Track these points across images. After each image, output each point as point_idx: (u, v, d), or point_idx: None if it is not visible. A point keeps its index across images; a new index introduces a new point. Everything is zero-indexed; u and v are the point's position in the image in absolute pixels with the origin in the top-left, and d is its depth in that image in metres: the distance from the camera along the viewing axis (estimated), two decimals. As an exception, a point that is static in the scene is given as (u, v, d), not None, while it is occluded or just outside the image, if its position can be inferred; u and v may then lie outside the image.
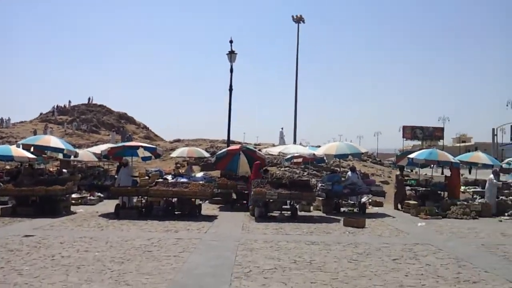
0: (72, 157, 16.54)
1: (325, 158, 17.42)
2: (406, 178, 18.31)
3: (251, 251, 8.75)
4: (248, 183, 15.95)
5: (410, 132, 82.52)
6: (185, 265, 7.55)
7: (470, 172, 28.16)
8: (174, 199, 14.55)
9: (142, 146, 16.44)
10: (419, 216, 14.65)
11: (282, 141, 35.17)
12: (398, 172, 17.46)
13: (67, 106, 70.16)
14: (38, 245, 9.03)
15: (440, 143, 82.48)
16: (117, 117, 71.44)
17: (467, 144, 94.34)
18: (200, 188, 14.18)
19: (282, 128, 38.74)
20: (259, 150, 20.67)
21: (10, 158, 17.07)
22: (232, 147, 20.10)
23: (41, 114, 68.66)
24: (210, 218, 13.69)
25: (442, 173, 30.66)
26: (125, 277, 6.70)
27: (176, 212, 14.34)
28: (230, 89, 22.13)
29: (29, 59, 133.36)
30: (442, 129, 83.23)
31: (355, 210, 16.28)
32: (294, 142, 39.56)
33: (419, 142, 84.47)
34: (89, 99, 73.77)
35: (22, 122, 63.09)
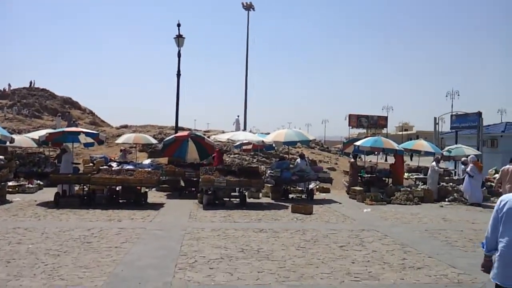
0: (7, 143, 15.45)
1: (274, 145, 17.37)
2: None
3: (197, 240, 8.50)
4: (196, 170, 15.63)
5: (355, 120, 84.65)
6: (127, 256, 7.19)
7: (411, 159, 29.15)
8: (119, 187, 13.99)
9: (83, 132, 15.63)
10: (365, 202, 14.94)
11: (238, 129, 34.84)
12: (352, 160, 17.64)
13: (6, 89, 66.16)
14: (-36, 238, 8.33)
15: (384, 131, 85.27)
16: (61, 101, 68.09)
17: (409, 132, 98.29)
18: (146, 176, 13.70)
19: (238, 116, 38.32)
20: (208, 137, 20.32)
21: None
22: (180, 133, 19.62)
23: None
24: (156, 207, 13.28)
25: (386, 160, 31.64)
26: (60, 271, 6.26)
27: (120, 201, 13.82)
28: (178, 74, 21.53)
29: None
30: (386, 118, 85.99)
31: (303, 196, 16.39)
32: (244, 129, 39.43)
33: (364, 130, 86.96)
34: (30, 82, 69.80)
35: (-45, 106, 58.84)
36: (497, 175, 19.72)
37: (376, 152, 19.17)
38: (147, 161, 21.29)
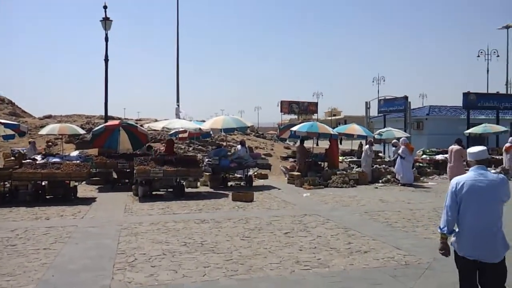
0: None
1: (211, 132, 16.96)
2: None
3: (136, 236, 7.99)
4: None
5: (287, 106, 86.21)
6: (58, 259, 6.55)
7: (341, 143, 29.90)
8: (45, 182, 12.94)
9: (1, 123, 14.29)
10: (303, 187, 15.03)
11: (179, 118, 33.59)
12: (299, 144, 17.62)
13: None
14: None
15: (314, 116, 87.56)
16: (-27, 91, 62.90)
17: (337, 117, 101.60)
18: (75, 169, 12.78)
19: (178, 105, 36.75)
20: (141, 125, 19.47)
21: None
22: (111, 122, 18.62)
23: None
24: (88, 201, 12.45)
25: (317, 144, 32.25)
26: (-20, 281, 5.55)
27: (47, 197, 12.80)
28: (106, 59, 20.36)
29: None
30: (316, 104, 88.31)
31: (242, 184, 16.20)
32: (178, 117, 38.37)
33: (296, 116, 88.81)
34: None
35: None
36: (424, 156, 20.84)
37: (312, 137, 19.35)
38: (75, 153, 20.03)
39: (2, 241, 7.64)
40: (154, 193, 13.36)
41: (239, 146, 17.07)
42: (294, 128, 17.70)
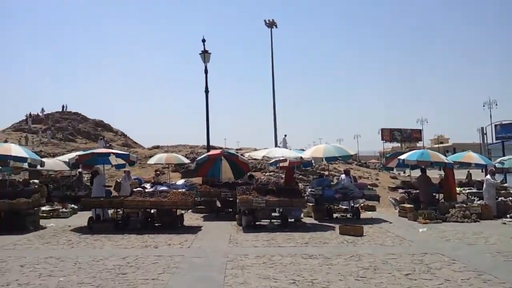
0: (38, 167, 15.12)
1: (312, 161, 16.41)
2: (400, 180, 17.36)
3: (242, 270, 7.62)
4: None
5: (388, 134, 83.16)
6: (166, 291, 6.38)
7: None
8: (154, 210, 13.31)
9: (113, 153, 15.13)
10: (418, 221, 13.75)
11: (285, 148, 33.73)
12: (422, 174, 16.09)
13: (40, 114, 67.72)
14: (-7, 271, 7.72)
15: (419, 144, 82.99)
16: (93, 124, 69.40)
17: (445, 145, 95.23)
18: (181, 197, 12.98)
19: (285, 135, 36.78)
20: (242, 154, 19.55)
21: (-30, 169, 15.59)
22: (213, 152, 18.94)
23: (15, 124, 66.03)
24: (194, 230, 12.52)
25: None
26: (93, 311, 5.50)
27: (156, 224, 13.13)
28: (206, 91, 20.94)
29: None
30: (420, 131, 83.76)
31: (348, 215, 15.32)
32: (275, 147, 38.44)
33: (398, 144, 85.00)
34: (63, 107, 71.54)
35: (-7, 131, 60.45)
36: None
37: (423, 166, 17.91)
38: (181, 182, 20.74)
39: (114, 269, 7.72)
40: (257, 223, 13.06)
41: (343, 176, 16.28)
42: (402, 157, 16.48)
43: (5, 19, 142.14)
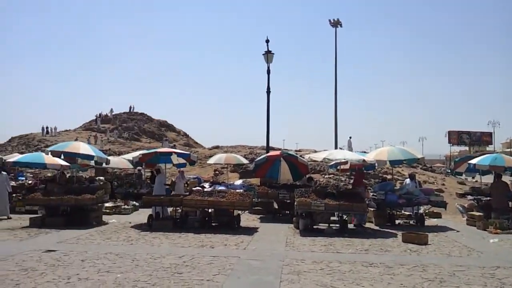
0: (104, 164, 15.72)
1: (376, 164, 15.76)
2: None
3: (299, 275, 7.35)
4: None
5: (456, 137, 79.08)
6: (220, 294, 6.26)
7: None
8: (211, 209, 13.36)
9: (175, 152, 15.40)
10: (488, 231, 12.79)
11: (351, 150, 33.21)
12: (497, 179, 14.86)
13: (109, 114, 71.11)
14: (56, 263, 7.99)
15: (489, 148, 78.26)
16: (157, 125, 71.89)
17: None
18: (238, 198, 12.92)
19: (350, 137, 36.29)
20: (301, 156, 19.23)
21: (42, 166, 16.50)
22: (272, 153, 18.75)
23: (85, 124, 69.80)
24: (250, 231, 12.40)
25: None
26: (146, 310, 5.47)
27: (213, 224, 13.17)
28: (268, 91, 20.79)
29: (73, 69, 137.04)
30: (490, 134, 78.93)
31: (412, 222, 14.56)
32: (336, 148, 37.72)
33: (466, 148, 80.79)
34: (130, 107, 74.67)
35: (66, 130, 64.21)
36: None
37: (496, 171, 16.69)
38: (239, 182, 20.81)
39: (170, 268, 7.73)
40: (315, 226, 12.71)
41: (407, 180, 15.51)
42: (473, 161, 15.40)
43: (85, 25, 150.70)
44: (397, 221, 14.60)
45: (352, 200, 12.78)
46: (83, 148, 14.28)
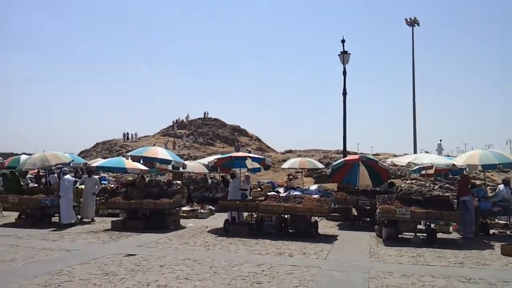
0: (180, 169, 15.91)
1: (467, 169, 14.46)
2: None
3: (388, 290, 6.71)
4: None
5: (552, 138, 72.20)
6: (303, 308, 5.80)
7: None
8: (287, 215, 12.95)
9: (249, 157, 15.18)
10: None
11: (440, 154, 31.79)
12: None
13: (185, 120, 73.42)
14: (136, 268, 7.98)
15: None
16: (230, 130, 73.06)
17: None
18: (316, 204, 12.37)
19: (440, 140, 34.82)
20: (381, 160, 18.25)
21: (123, 170, 17.04)
22: (350, 157, 17.97)
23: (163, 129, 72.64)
24: (329, 239, 11.82)
25: None
26: (226, 324, 5.15)
27: (289, 230, 12.74)
28: (344, 93, 20.00)
29: (151, 77, 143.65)
30: None
31: (509, 233, 13.16)
32: (415, 151, 35.90)
33: None
34: (204, 113, 76.58)
35: (146, 136, 67.14)
36: None
37: None
38: (314, 187, 20.21)
39: (249, 277, 7.41)
40: (399, 236, 11.85)
41: (501, 186, 14.06)
42: None
43: (164, 37, 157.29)
44: (491, 231, 13.27)
45: (441, 207, 11.76)
46: (161, 153, 14.53)
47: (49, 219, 14.11)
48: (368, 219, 14.73)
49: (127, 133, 63.00)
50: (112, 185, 21.29)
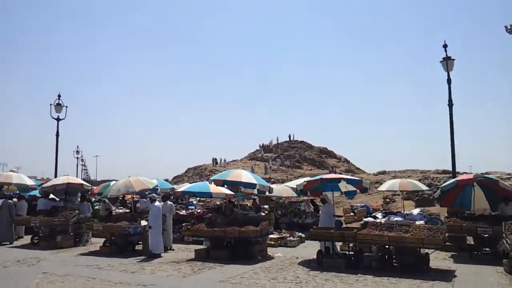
0: (266, 193, 14.71)
1: None
2: None
3: None
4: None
5: None
6: None
7: None
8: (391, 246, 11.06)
9: (344, 179, 13.49)
10: None
11: None
12: None
13: (270, 144, 73.09)
14: (216, 312, 6.75)
15: None
16: (317, 152, 71.30)
17: None
18: (427, 233, 10.37)
19: None
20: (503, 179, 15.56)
21: (208, 195, 16.27)
22: (463, 176, 15.48)
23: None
24: (446, 275, 9.77)
25: None
26: None
27: (394, 263, 10.83)
28: (450, 104, 17.64)
29: (240, 109, 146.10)
30: None
31: None
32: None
33: None
34: (290, 136, 75.68)
35: (234, 161, 67.64)
36: None
37: None
38: (416, 211, 17.96)
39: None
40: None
41: None
42: None
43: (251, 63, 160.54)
44: None
45: None
46: (245, 176, 13.42)
47: (132, 247, 13.52)
48: (488, 249, 12.34)
49: (216, 158, 63.88)
50: (199, 210, 20.70)
